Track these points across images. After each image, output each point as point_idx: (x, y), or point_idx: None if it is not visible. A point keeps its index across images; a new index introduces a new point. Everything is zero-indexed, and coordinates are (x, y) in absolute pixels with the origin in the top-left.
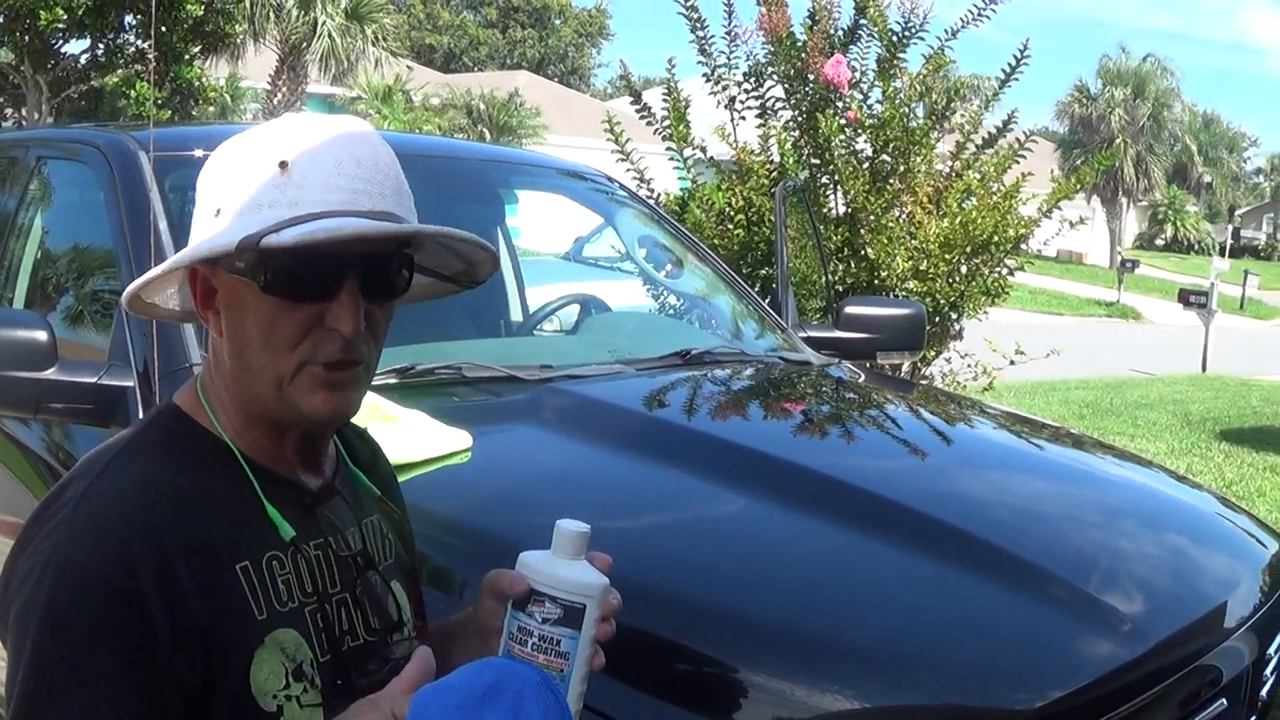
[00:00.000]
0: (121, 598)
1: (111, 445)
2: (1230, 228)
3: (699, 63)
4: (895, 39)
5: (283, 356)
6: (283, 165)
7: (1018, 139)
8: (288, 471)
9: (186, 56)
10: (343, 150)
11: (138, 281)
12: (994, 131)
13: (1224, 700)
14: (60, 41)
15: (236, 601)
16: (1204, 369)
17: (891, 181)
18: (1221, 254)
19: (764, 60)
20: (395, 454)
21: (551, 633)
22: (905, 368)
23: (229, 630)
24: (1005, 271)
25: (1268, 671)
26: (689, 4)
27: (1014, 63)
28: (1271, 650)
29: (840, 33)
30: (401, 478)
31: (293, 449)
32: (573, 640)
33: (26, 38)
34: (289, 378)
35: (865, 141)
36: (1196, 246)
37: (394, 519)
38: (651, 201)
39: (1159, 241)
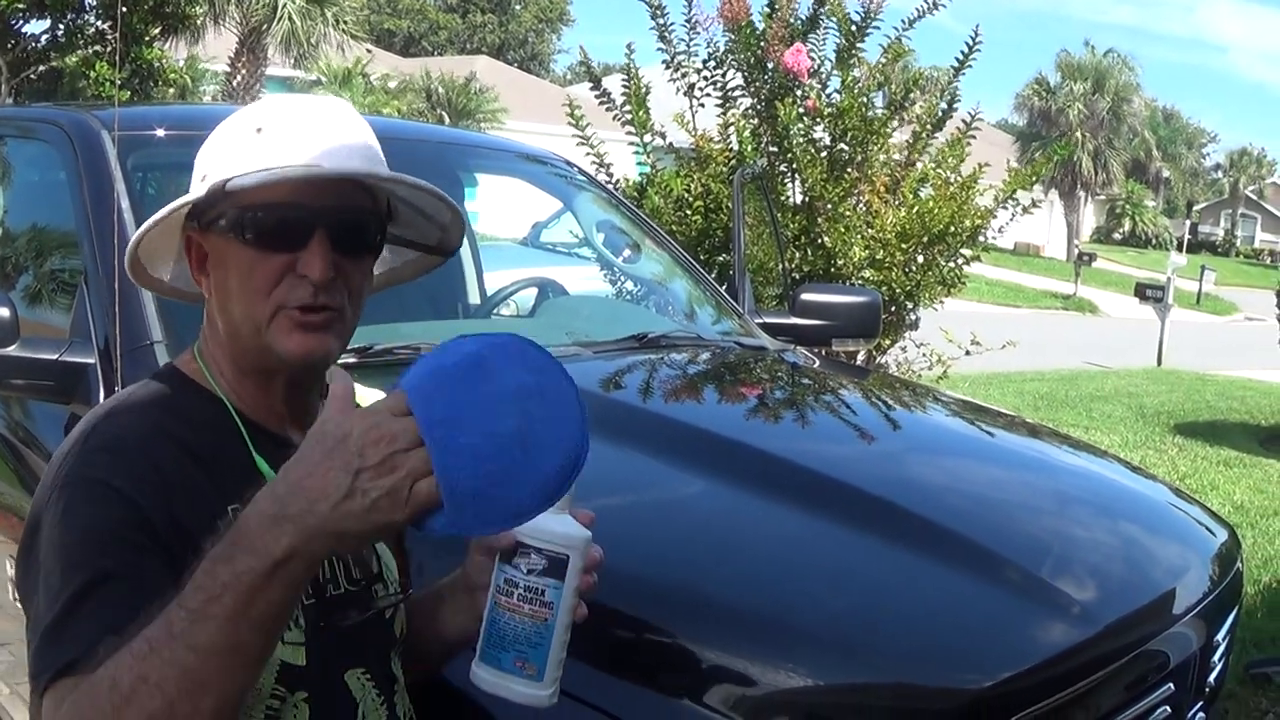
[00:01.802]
0: (131, 505)
1: (113, 400)
2: (1188, 223)
3: (658, 49)
4: (853, 28)
5: (259, 302)
6: (258, 130)
7: (964, 120)
8: (278, 427)
9: (147, 38)
10: (315, 118)
11: (135, 235)
12: (942, 112)
13: (1171, 685)
14: (20, 22)
15: None
16: (1159, 363)
17: (849, 171)
18: (1179, 249)
19: (724, 48)
20: None
21: (536, 583)
22: (861, 356)
23: None
24: (961, 262)
25: (1215, 658)
26: None
27: (966, 50)
28: (1219, 637)
29: (799, 21)
30: None
31: (281, 400)
32: (556, 590)
33: None
34: (266, 322)
35: (823, 130)
36: (1154, 241)
37: None
38: (610, 187)
39: (1117, 235)
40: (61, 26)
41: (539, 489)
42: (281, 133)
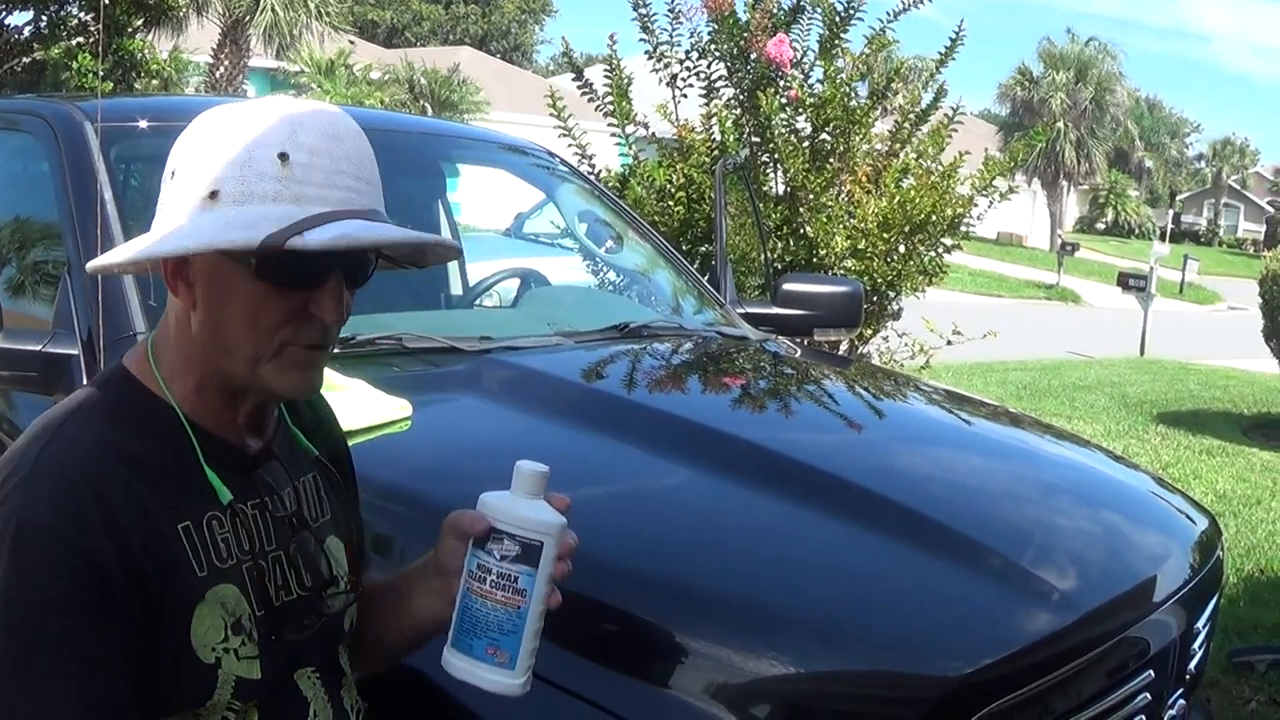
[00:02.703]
0: (80, 557)
1: (63, 408)
2: (1171, 213)
3: (641, 40)
4: (837, 19)
5: (265, 337)
6: (283, 158)
7: (946, 114)
8: (231, 435)
9: (129, 29)
10: (336, 146)
11: (133, 256)
12: (927, 104)
13: (1151, 672)
14: (3, 13)
15: (179, 559)
16: (1142, 352)
17: (831, 161)
18: (1162, 239)
19: (707, 38)
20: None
21: (509, 570)
22: (844, 346)
23: (172, 586)
24: (942, 250)
25: (1195, 645)
26: None
27: (950, 43)
28: (1200, 624)
29: (783, 12)
30: None
31: (243, 415)
32: (530, 577)
33: None
34: (270, 356)
35: (806, 120)
36: (1137, 231)
37: (331, 479)
38: (593, 178)
39: (1100, 225)
40: (45, 18)
41: None
42: (310, 168)
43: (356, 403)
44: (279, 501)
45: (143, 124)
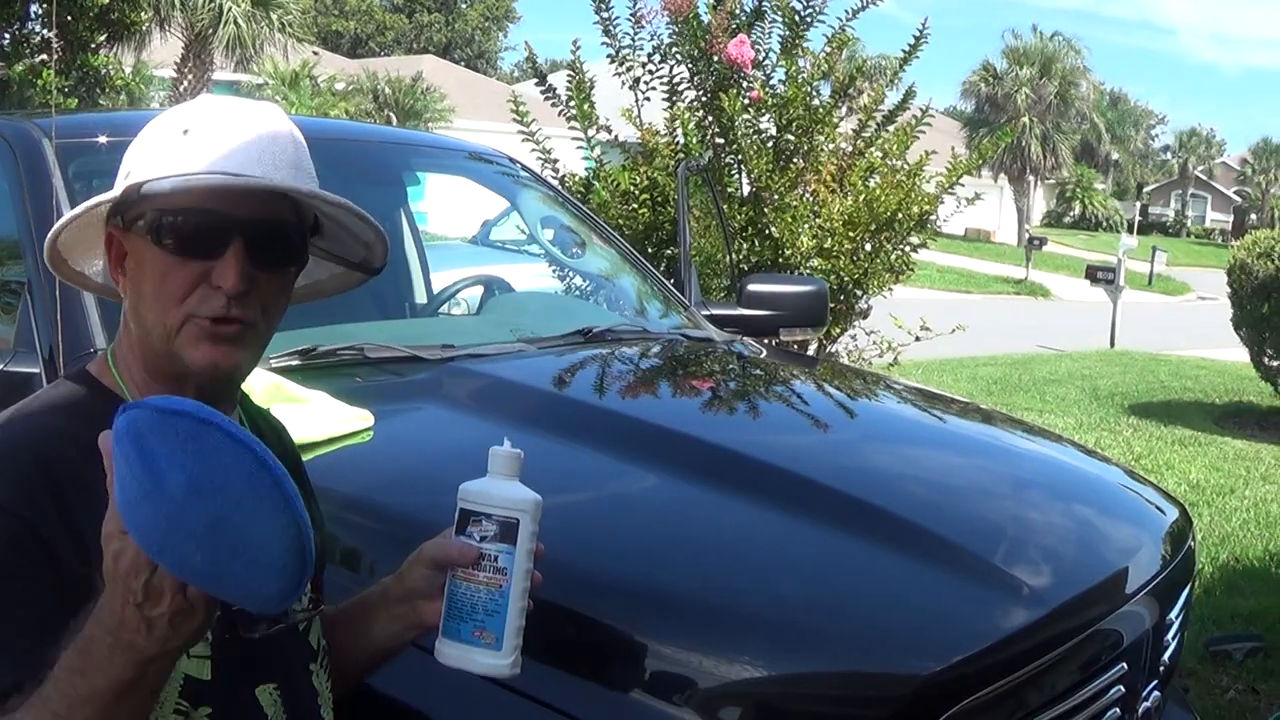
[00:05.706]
0: (27, 526)
1: (20, 402)
2: (1138, 205)
3: (603, 44)
4: (797, 18)
5: (170, 309)
6: (185, 132)
7: (914, 116)
8: None
9: (93, 45)
10: (243, 123)
11: (54, 229)
12: (894, 107)
13: (1124, 664)
14: None
15: None
16: (1112, 345)
17: (795, 161)
18: (1130, 231)
19: (668, 41)
20: (298, 434)
21: (489, 550)
22: (812, 346)
23: None
24: (908, 249)
25: (1169, 637)
26: None
27: (914, 41)
28: (1172, 615)
29: (744, 13)
30: (305, 457)
31: None
32: (509, 555)
33: None
34: (176, 330)
35: (769, 121)
36: (1105, 224)
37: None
38: (556, 183)
39: (1067, 219)
40: (7, 36)
41: (278, 572)
42: (207, 136)
43: (317, 414)
44: None
45: (101, 139)
